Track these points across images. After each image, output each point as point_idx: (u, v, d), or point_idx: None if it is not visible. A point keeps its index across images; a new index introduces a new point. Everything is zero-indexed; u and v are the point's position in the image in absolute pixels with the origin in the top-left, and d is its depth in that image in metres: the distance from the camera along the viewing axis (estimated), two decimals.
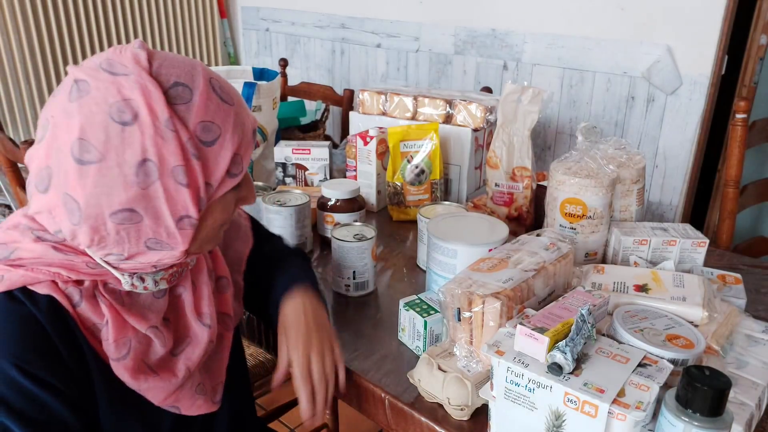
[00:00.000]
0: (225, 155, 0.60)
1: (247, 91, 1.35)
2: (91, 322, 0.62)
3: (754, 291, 0.98)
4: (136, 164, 0.56)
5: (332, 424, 1.73)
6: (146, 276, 0.64)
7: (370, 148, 1.25)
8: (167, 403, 0.66)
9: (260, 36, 3.01)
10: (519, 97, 1.11)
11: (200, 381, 0.70)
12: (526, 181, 1.14)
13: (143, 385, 0.64)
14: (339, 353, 0.76)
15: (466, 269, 0.77)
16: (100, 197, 0.56)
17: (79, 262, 0.61)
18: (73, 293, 0.61)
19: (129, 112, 0.55)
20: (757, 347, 0.74)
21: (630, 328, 0.68)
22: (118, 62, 0.57)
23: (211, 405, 0.71)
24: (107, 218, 0.57)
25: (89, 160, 0.55)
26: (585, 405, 0.57)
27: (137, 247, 0.60)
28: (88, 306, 0.61)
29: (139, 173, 0.56)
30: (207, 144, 0.59)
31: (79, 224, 0.57)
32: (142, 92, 0.55)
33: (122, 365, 0.62)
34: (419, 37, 2.39)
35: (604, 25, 1.94)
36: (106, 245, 0.59)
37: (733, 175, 1.52)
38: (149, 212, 0.58)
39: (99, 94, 0.55)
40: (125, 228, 0.58)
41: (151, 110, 0.56)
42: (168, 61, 0.59)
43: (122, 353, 0.62)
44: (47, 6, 2.51)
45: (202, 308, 0.70)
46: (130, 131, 0.55)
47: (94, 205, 0.56)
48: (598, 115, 2.02)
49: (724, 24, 1.74)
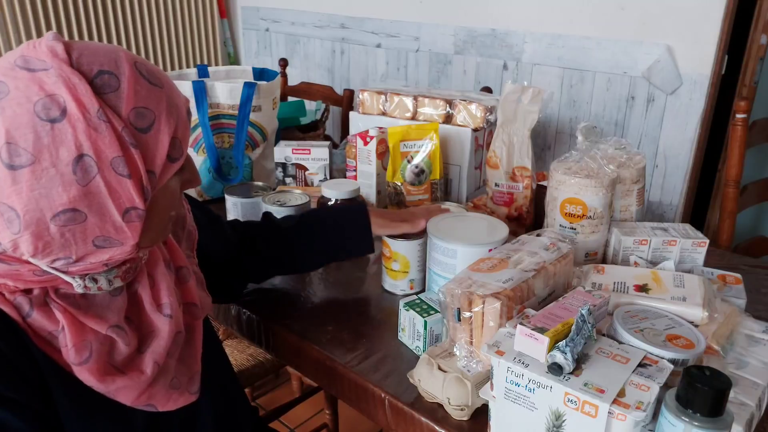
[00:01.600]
0: (163, 140, 0.58)
1: (247, 91, 1.35)
2: (45, 331, 0.59)
3: (754, 291, 0.98)
4: (72, 161, 0.53)
5: (332, 424, 1.73)
6: (99, 276, 0.61)
7: (370, 148, 1.25)
8: (141, 402, 0.64)
9: (260, 36, 3.01)
10: (519, 97, 1.11)
11: (174, 375, 0.68)
12: (526, 181, 1.14)
13: (111, 386, 0.61)
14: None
15: (466, 269, 0.77)
16: (39, 201, 0.53)
17: (25, 271, 0.57)
18: (22, 303, 0.58)
19: (56, 108, 0.53)
20: (758, 347, 0.74)
21: (630, 328, 0.68)
22: (35, 57, 0.54)
23: (188, 396, 0.69)
24: (49, 222, 0.54)
25: (21, 163, 0.52)
26: (585, 405, 0.57)
27: (85, 248, 0.57)
28: (40, 315, 0.58)
29: (77, 170, 0.54)
30: (143, 131, 0.57)
31: (20, 233, 0.54)
32: (66, 86, 0.53)
33: (86, 369, 0.59)
34: (419, 37, 2.39)
35: (604, 25, 1.94)
36: (51, 251, 0.56)
37: (733, 175, 1.52)
38: (93, 209, 0.55)
39: (20, 93, 0.52)
40: (70, 230, 0.55)
41: (79, 103, 0.53)
42: (88, 50, 0.56)
43: (84, 357, 0.59)
44: (47, 6, 2.51)
45: (161, 299, 0.68)
46: (60, 128, 0.53)
47: (34, 210, 0.53)
48: (598, 115, 2.02)
49: (724, 24, 1.74)
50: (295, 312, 0.95)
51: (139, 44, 2.83)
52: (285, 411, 1.62)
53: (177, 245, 0.75)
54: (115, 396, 0.62)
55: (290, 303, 0.98)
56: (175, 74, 1.46)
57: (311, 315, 0.95)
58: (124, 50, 0.59)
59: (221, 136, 1.38)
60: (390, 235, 0.98)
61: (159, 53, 2.92)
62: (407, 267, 0.98)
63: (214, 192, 1.41)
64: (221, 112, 1.36)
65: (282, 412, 1.61)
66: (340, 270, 1.08)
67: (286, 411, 1.62)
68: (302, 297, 1.00)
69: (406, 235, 0.97)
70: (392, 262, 0.98)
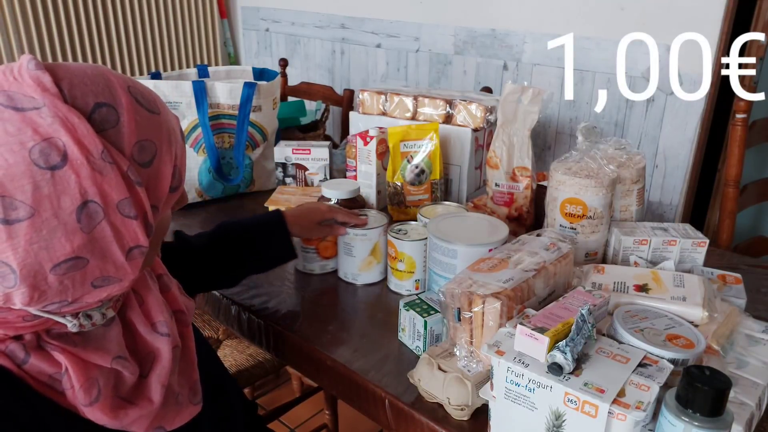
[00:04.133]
0: (166, 172, 0.55)
1: (247, 91, 1.35)
2: (45, 375, 0.55)
3: (754, 291, 0.98)
4: (76, 209, 0.49)
5: (332, 424, 1.73)
6: (92, 312, 0.57)
7: (370, 148, 1.25)
8: (151, 428, 0.61)
9: (260, 36, 3.01)
10: (519, 97, 1.11)
11: (178, 391, 0.65)
12: (526, 181, 1.14)
13: (125, 420, 0.58)
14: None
15: (466, 269, 0.77)
16: (39, 254, 0.48)
17: (12, 317, 0.52)
18: (16, 351, 0.53)
19: (55, 153, 0.47)
20: (758, 347, 0.74)
21: (630, 328, 0.68)
22: (20, 94, 0.48)
23: (193, 408, 0.67)
24: (48, 273, 0.49)
25: (18, 217, 0.47)
26: (585, 405, 0.57)
27: (82, 290, 0.53)
28: (38, 359, 0.54)
29: (82, 218, 0.49)
30: (145, 165, 0.53)
31: (15, 287, 0.49)
32: (64, 127, 0.47)
33: (98, 408, 0.56)
34: (419, 37, 2.39)
35: (604, 25, 1.94)
36: (46, 298, 0.51)
37: (733, 175, 1.52)
38: (96, 254, 0.51)
39: (11, 138, 0.46)
40: (69, 277, 0.51)
41: (81, 145, 0.48)
42: (77, 79, 0.51)
43: (93, 395, 0.56)
44: (47, 6, 2.51)
45: (154, 318, 0.64)
46: (61, 175, 0.48)
47: (32, 264, 0.48)
48: (598, 115, 2.02)
49: (724, 24, 1.74)
50: (296, 312, 0.95)
51: (139, 44, 2.83)
52: (285, 411, 1.62)
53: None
54: (129, 429, 0.59)
55: (290, 303, 0.98)
56: (175, 74, 1.46)
57: (311, 315, 0.95)
58: (112, 73, 0.54)
59: (221, 136, 1.38)
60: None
61: (159, 53, 2.92)
62: (413, 267, 0.98)
63: (214, 192, 1.41)
64: (221, 112, 1.36)
65: (282, 412, 1.61)
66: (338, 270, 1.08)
67: (286, 411, 1.62)
68: (302, 297, 1.00)
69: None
70: (398, 262, 0.98)
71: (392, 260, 0.99)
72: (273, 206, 1.27)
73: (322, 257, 1.06)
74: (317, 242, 1.05)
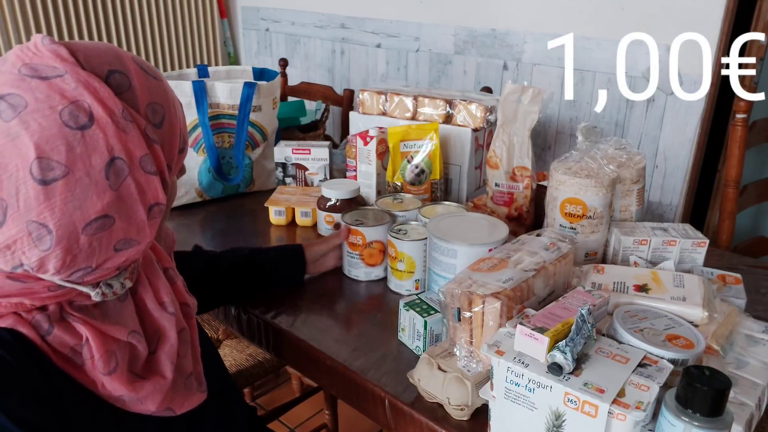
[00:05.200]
0: (175, 132, 0.59)
1: (247, 91, 1.35)
2: (67, 346, 0.57)
3: (754, 291, 0.98)
4: (105, 166, 0.52)
5: (332, 424, 1.73)
6: (112, 281, 0.60)
7: (370, 148, 1.25)
8: (163, 407, 0.64)
9: (260, 36, 3.01)
10: (519, 97, 1.11)
11: (188, 374, 0.68)
12: (526, 181, 1.14)
13: (141, 393, 0.61)
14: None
15: (466, 269, 0.77)
16: (73, 213, 0.52)
17: (39, 287, 0.55)
18: (41, 321, 0.56)
19: (83, 114, 0.51)
20: (757, 347, 0.74)
21: (630, 328, 0.68)
22: (42, 64, 0.52)
23: (199, 395, 0.69)
24: (80, 234, 0.53)
25: (54, 177, 0.50)
26: (585, 405, 0.57)
27: (106, 254, 0.56)
28: (61, 330, 0.57)
29: (110, 175, 0.53)
30: (158, 126, 0.57)
31: (50, 250, 0.52)
32: (87, 90, 0.52)
33: (116, 378, 0.59)
34: (419, 37, 2.39)
35: (604, 25, 1.94)
36: (76, 263, 0.54)
37: (733, 175, 1.52)
38: (122, 213, 0.55)
39: (41, 104, 0.50)
40: (98, 237, 0.54)
41: (104, 106, 0.52)
42: (90, 50, 0.55)
43: (112, 366, 0.58)
44: (47, 6, 2.51)
45: (163, 297, 0.67)
46: (91, 134, 0.52)
47: (67, 224, 0.52)
48: (598, 115, 2.02)
49: (724, 24, 1.74)
50: (295, 312, 0.95)
51: (139, 44, 2.83)
52: (285, 411, 1.62)
53: (159, 247, 0.74)
54: (143, 402, 0.61)
55: (290, 303, 0.98)
56: (175, 74, 1.46)
57: (311, 315, 0.95)
58: (118, 47, 0.59)
59: (221, 136, 1.38)
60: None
61: (159, 53, 2.92)
62: (413, 267, 0.98)
63: (214, 192, 1.41)
64: (221, 112, 1.36)
65: (282, 412, 1.61)
66: (341, 270, 1.08)
67: (285, 411, 1.62)
68: (302, 297, 1.00)
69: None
70: (397, 262, 0.98)
71: (392, 260, 0.99)
72: (273, 206, 1.27)
73: (367, 264, 1.03)
74: (362, 249, 1.02)
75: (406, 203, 1.14)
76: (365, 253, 1.02)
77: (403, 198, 1.16)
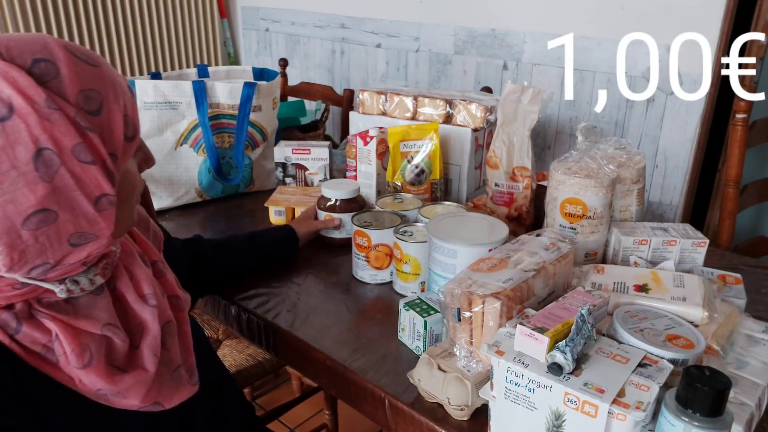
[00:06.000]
0: (117, 120, 0.57)
1: (247, 91, 1.35)
2: (39, 344, 0.57)
3: (754, 291, 0.98)
4: (32, 158, 0.51)
5: (332, 424, 1.73)
6: (79, 277, 0.59)
7: (370, 148, 1.25)
8: (149, 400, 0.62)
9: (260, 36, 3.01)
10: (519, 97, 1.11)
11: (176, 365, 0.67)
12: (526, 181, 1.14)
13: (121, 386, 0.60)
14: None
15: (466, 269, 0.77)
16: (6, 208, 0.51)
17: (2, 285, 0.55)
18: (8, 320, 0.56)
19: (2, 105, 0.50)
20: (757, 347, 0.74)
21: (630, 328, 0.68)
22: None
23: (190, 388, 0.68)
24: (21, 228, 0.52)
25: None
26: (585, 405, 0.57)
27: (61, 250, 0.55)
28: (30, 328, 0.56)
29: (39, 166, 0.51)
30: (94, 113, 0.55)
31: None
32: (5, 80, 0.50)
33: (92, 371, 0.58)
34: (419, 37, 2.39)
35: (604, 25, 1.94)
36: (27, 260, 0.54)
37: (733, 175, 1.52)
38: (63, 205, 0.53)
39: None
40: (43, 232, 0.53)
41: (25, 95, 0.51)
42: (14, 42, 0.53)
43: (86, 359, 0.58)
44: (47, 6, 2.51)
45: (143, 290, 0.66)
46: (11, 125, 0.50)
47: (2, 219, 0.51)
48: (598, 115, 2.02)
49: (724, 24, 1.74)
50: (295, 312, 0.95)
51: (139, 44, 2.83)
52: (285, 411, 1.62)
53: (146, 240, 0.74)
54: (125, 396, 0.60)
55: (290, 303, 0.98)
56: (175, 74, 1.46)
57: (311, 315, 0.95)
58: (50, 36, 0.57)
59: (221, 136, 1.38)
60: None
61: (159, 53, 2.92)
62: (418, 269, 0.97)
63: (214, 192, 1.41)
64: (221, 112, 1.36)
65: (282, 412, 1.61)
66: (340, 270, 1.08)
67: (285, 411, 1.62)
68: (302, 297, 1.00)
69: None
70: (403, 264, 0.98)
71: (398, 262, 0.99)
72: (273, 206, 1.27)
73: (372, 267, 1.03)
74: (368, 251, 1.02)
75: (406, 203, 1.14)
76: (371, 256, 1.02)
77: (403, 198, 1.16)
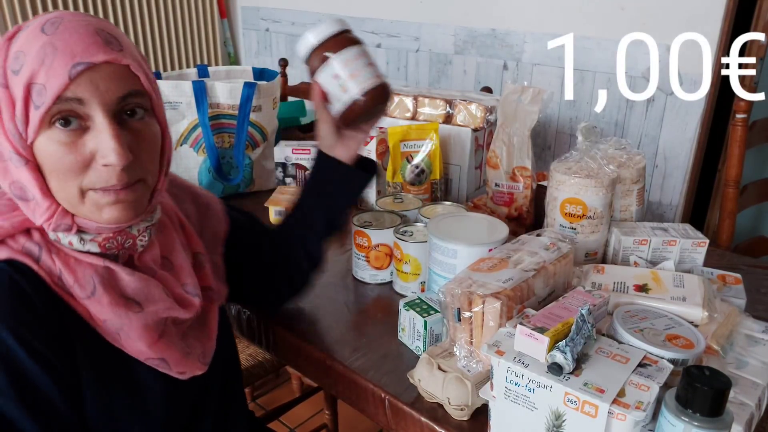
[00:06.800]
0: (20, 81, 0.56)
1: (247, 91, 1.35)
2: (55, 275, 0.59)
3: (754, 291, 0.98)
4: None
5: (332, 424, 1.73)
6: (71, 236, 0.61)
7: (370, 148, 1.25)
8: (156, 351, 0.64)
9: (260, 36, 3.01)
10: (519, 97, 1.11)
11: (190, 340, 0.70)
12: (526, 181, 1.14)
13: (125, 320, 0.61)
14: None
15: (466, 269, 0.77)
16: None
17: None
18: (32, 248, 0.59)
19: None
20: (757, 347, 0.74)
21: (630, 328, 0.68)
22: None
23: (200, 366, 0.70)
24: None
25: None
26: (585, 405, 0.57)
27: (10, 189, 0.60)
28: (47, 256, 0.59)
29: None
30: (15, 72, 0.57)
31: None
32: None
33: (96, 301, 0.60)
34: (419, 37, 2.39)
35: (604, 25, 1.94)
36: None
37: (733, 175, 1.52)
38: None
39: None
40: None
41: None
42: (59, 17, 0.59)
43: (90, 290, 0.60)
44: (47, 6, 2.51)
45: (184, 279, 0.70)
46: None
47: None
48: (598, 115, 2.02)
49: (724, 24, 1.74)
50: (295, 311, 0.95)
51: (139, 44, 2.83)
52: (285, 411, 1.62)
53: (194, 232, 0.76)
54: (130, 335, 0.62)
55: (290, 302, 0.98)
56: (175, 74, 1.46)
57: (311, 314, 0.95)
58: (75, 11, 0.62)
59: (221, 136, 1.38)
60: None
61: (159, 53, 2.92)
62: (418, 269, 0.97)
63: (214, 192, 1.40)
64: (221, 112, 1.36)
65: (282, 412, 1.61)
66: (340, 270, 1.08)
67: (285, 411, 1.62)
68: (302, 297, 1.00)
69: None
70: (403, 264, 0.98)
71: (398, 262, 0.99)
72: (273, 206, 1.27)
73: (372, 267, 1.03)
74: (368, 251, 1.02)
75: (406, 203, 1.14)
76: (371, 256, 1.02)
77: (403, 198, 1.16)
